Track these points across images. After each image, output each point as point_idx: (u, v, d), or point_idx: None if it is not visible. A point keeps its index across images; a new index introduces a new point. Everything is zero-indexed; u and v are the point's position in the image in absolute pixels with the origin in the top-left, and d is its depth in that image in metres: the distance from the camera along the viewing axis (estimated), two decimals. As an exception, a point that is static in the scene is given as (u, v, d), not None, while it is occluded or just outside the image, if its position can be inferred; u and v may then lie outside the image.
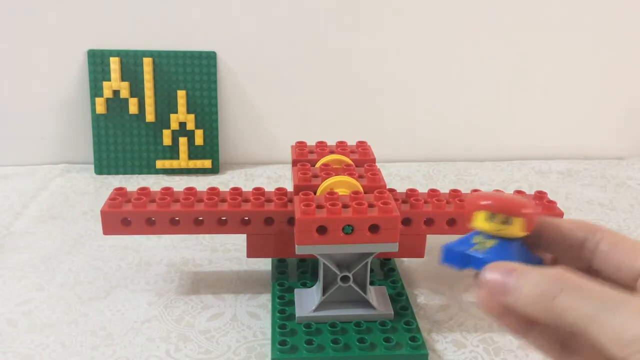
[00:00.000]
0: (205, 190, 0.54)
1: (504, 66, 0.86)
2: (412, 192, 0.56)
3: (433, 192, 0.55)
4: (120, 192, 0.53)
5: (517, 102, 0.88)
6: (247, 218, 0.52)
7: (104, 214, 0.51)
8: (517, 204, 0.32)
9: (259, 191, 0.54)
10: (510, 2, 0.83)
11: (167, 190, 0.53)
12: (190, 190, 0.53)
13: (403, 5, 0.82)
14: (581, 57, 0.87)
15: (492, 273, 0.29)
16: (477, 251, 0.32)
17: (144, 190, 0.53)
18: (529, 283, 0.27)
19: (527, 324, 0.30)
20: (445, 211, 0.53)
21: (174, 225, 0.52)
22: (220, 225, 0.52)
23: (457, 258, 0.32)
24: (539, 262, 0.33)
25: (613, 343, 0.24)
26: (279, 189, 0.55)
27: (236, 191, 0.54)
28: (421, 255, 0.56)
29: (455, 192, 0.56)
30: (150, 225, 0.52)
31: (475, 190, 0.56)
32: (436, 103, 0.87)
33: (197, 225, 0.52)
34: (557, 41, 0.86)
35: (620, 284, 0.28)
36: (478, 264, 0.31)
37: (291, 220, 0.52)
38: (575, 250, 0.31)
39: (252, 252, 0.54)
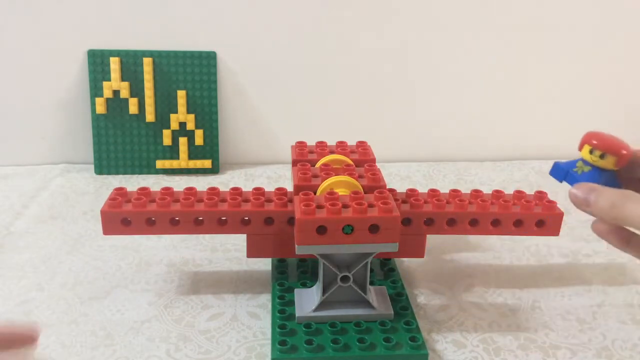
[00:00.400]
0: (205, 190, 0.54)
1: (504, 66, 0.86)
2: (412, 192, 0.56)
3: (433, 192, 0.55)
4: (120, 192, 0.53)
5: (517, 102, 0.88)
6: (247, 218, 0.52)
7: (104, 214, 0.51)
8: (614, 145, 0.43)
9: (259, 191, 0.54)
10: (511, 2, 0.83)
11: (167, 190, 0.53)
12: (190, 190, 0.53)
13: (403, 5, 0.82)
14: (581, 57, 0.87)
15: (577, 190, 0.40)
16: (575, 172, 0.44)
17: (144, 190, 0.53)
18: (603, 197, 0.38)
19: (625, 240, 0.41)
20: (445, 211, 0.53)
21: (174, 225, 0.52)
22: (220, 225, 0.52)
23: (560, 173, 0.45)
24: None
25: None
26: (279, 189, 0.54)
27: (236, 191, 0.54)
28: (421, 255, 0.56)
29: (455, 192, 0.56)
30: (150, 225, 0.52)
31: (476, 191, 0.56)
32: (436, 103, 0.87)
33: (197, 225, 0.52)
34: (557, 41, 0.86)
35: None
36: (572, 181, 0.43)
37: (291, 220, 0.52)
38: None
39: (252, 252, 0.54)
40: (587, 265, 0.61)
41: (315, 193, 0.50)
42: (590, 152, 0.44)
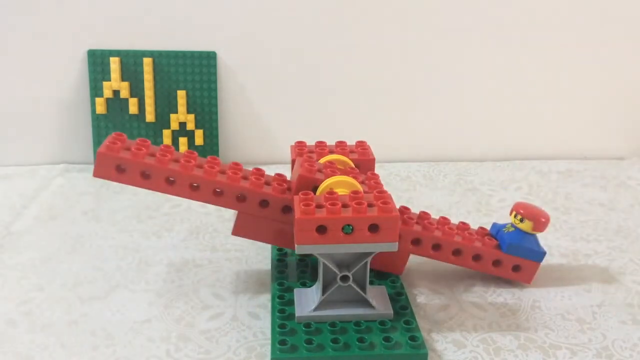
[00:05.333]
0: (207, 158, 0.53)
1: (504, 66, 0.86)
2: (405, 210, 0.56)
3: (424, 215, 0.56)
4: (120, 137, 0.51)
5: (517, 102, 0.88)
6: (243, 195, 0.51)
7: (100, 155, 0.49)
8: (531, 213, 0.54)
9: (259, 172, 0.53)
10: (510, 2, 0.83)
11: (168, 148, 0.51)
12: (191, 154, 0.52)
13: (403, 5, 0.82)
14: (581, 57, 0.87)
15: None
16: (503, 231, 0.56)
17: (144, 142, 0.51)
18: None
19: None
20: (433, 235, 0.54)
21: (169, 184, 0.50)
22: (216, 196, 0.51)
23: (494, 230, 0.58)
24: (541, 252, 0.56)
25: None
26: (279, 174, 0.54)
27: (237, 166, 0.53)
28: (399, 272, 0.56)
29: (444, 220, 0.56)
30: (144, 178, 0.50)
31: (464, 224, 0.57)
32: (436, 103, 0.87)
33: (193, 190, 0.51)
34: (557, 41, 0.86)
35: None
36: (500, 237, 0.56)
37: (285, 209, 0.52)
38: None
39: (238, 230, 0.54)
40: (587, 265, 0.61)
41: (315, 191, 0.50)
42: (515, 216, 0.55)
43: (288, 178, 0.55)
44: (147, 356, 0.47)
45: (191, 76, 0.81)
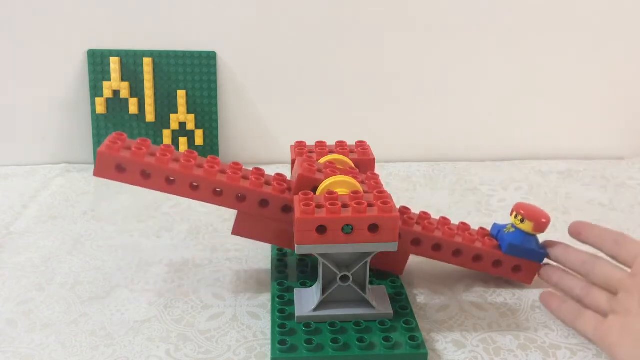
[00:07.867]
0: (207, 157, 0.53)
1: (504, 66, 0.86)
2: (405, 210, 0.56)
3: (425, 215, 0.56)
4: (120, 137, 0.51)
5: (517, 102, 0.88)
6: (243, 195, 0.51)
7: (100, 154, 0.49)
8: (532, 213, 0.54)
9: (259, 172, 0.53)
10: (511, 2, 0.83)
11: (168, 148, 0.52)
12: (191, 154, 0.52)
13: (402, 6, 0.82)
14: (582, 57, 0.87)
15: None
16: (504, 232, 0.56)
17: (144, 142, 0.52)
18: None
19: (573, 315, 0.51)
20: (433, 235, 0.54)
21: (169, 184, 0.51)
22: (216, 195, 0.51)
23: (495, 230, 0.57)
24: (542, 252, 0.55)
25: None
26: (279, 174, 0.54)
27: (237, 166, 0.53)
28: (400, 273, 0.56)
29: (444, 220, 0.56)
30: (145, 178, 0.50)
31: (464, 224, 0.57)
32: (436, 103, 0.87)
33: (193, 190, 0.51)
34: (558, 41, 0.86)
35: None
36: (500, 237, 0.56)
37: (286, 208, 0.52)
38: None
39: (238, 229, 0.54)
40: (587, 265, 0.61)
41: (315, 191, 0.50)
42: (515, 216, 0.54)
43: (288, 178, 0.55)
44: (147, 356, 0.47)
45: (191, 76, 0.81)
